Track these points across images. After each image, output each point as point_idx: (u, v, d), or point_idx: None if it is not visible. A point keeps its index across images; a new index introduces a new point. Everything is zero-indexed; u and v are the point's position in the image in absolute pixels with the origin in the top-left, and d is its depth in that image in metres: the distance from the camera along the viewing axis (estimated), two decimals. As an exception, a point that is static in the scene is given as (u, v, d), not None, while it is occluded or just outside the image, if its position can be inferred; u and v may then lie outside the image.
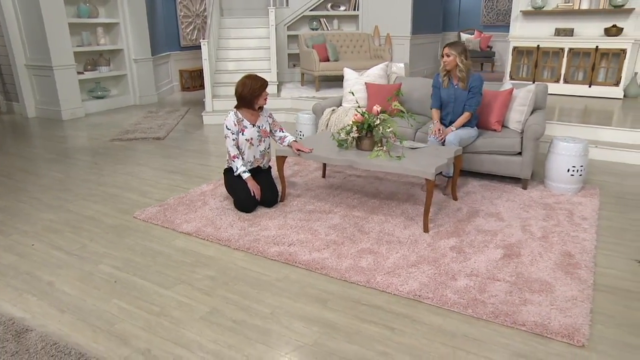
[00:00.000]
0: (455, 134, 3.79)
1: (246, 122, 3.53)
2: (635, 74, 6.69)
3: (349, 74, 4.89)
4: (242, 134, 3.51)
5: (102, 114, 7.34)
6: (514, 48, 7.23)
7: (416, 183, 4.09)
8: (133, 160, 4.95)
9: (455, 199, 3.74)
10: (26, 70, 6.90)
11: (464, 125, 3.93)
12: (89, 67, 7.44)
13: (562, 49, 6.86)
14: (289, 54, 8.57)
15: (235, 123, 3.49)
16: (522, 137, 3.89)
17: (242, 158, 3.55)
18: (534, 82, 6.96)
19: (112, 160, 4.97)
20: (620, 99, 6.64)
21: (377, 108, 3.44)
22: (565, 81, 6.95)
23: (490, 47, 9.78)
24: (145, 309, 2.42)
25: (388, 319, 2.32)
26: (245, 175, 3.49)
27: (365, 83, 4.66)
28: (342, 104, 4.83)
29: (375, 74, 4.76)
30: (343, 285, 2.61)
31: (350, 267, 2.74)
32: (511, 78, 7.33)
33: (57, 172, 4.59)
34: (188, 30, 9.64)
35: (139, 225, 3.39)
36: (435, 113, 4.00)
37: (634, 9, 6.49)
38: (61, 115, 6.81)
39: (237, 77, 7.13)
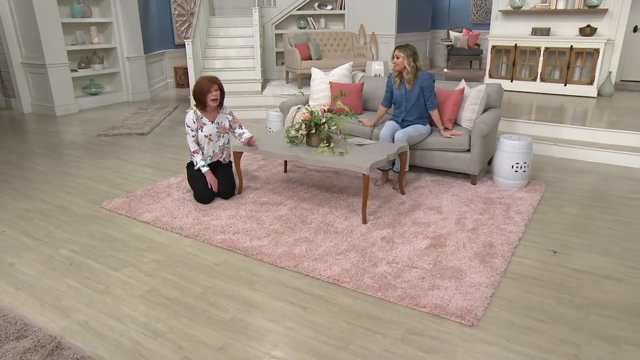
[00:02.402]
0: (404, 132, 4.02)
1: (205, 120, 3.79)
2: (610, 73, 6.81)
3: (316, 73, 5.12)
4: (201, 130, 3.77)
5: (95, 110, 7.68)
6: (493, 47, 7.38)
7: (370, 178, 4.32)
8: (113, 154, 5.25)
9: (402, 193, 3.97)
10: (22, 68, 7.25)
11: (415, 123, 4.16)
12: (83, 64, 7.77)
13: (539, 48, 7.01)
14: (277, 52, 8.81)
15: (194, 120, 3.76)
16: (469, 135, 4.10)
17: (202, 153, 3.82)
18: (512, 81, 7.16)
19: (94, 154, 5.28)
20: (594, 97, 6.77)
21: (324, 107, 3.68)
22: (542, 80, 7.10)
23: (479, 45, 9.90)
24: (92, 287, 2.70)
25: (304, 299, 2.57)
26: (204, 169, 3.76)
27: (330, 82, 4.89)
28: (309, 102, 5.06)
29: (339, 73, 4.98)
30: (273, 270, 2.86)
31: (283, 254, 2.99)
32: (490, 76, 7.50)
33: (41, 165, 4.91)
34: (183, 28, 9.91)
35: (105, 215, 3.68)
36: (382, 110, 4.29)
37: (607, 9, 6.61)
38: (55, 111, 7.15)
39: (224, 75, 7.48)
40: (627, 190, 4.08)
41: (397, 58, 4.00)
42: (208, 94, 3.68)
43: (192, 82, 6.86)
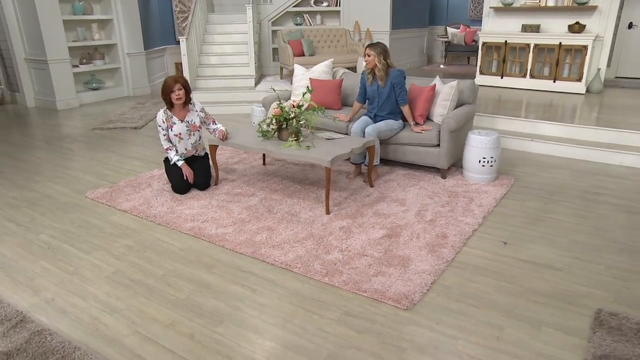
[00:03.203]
0: (374, 127, 4.16)
1: (175, 119, 3.96)
2: (599, 69, 6.83)
3: (298, 69, 5.28)
4: (171, 129, 3.96)
5: (96, 105, 7.95)
6: (484, 43, 7.44)
7: (343, 171, 4.48)
8: (105, 147, 5.49)
9: (371, 185, 4.11)
10: (25, 63, 7.54)
11: (387, 118, 4.30)
12: (85, 60, 8.04)
13: (528, 45, 7.05)
14: (273, 49, 8.98)
15: (164, 120, 3.94)
16: (439, 130, 4.22)
17: (176, 150, 4.01)
18: (502, 77, 7.23)
19: (87, 147, 5.53)
20: (583, 94, 6.81)
21: (293, 103, 3.85)
22: (532, 76, 7.15)
23: (476, 42, 9.90)
24: (64, 269, 2.92)
25: (256, 282, 2.75)
26: (180, 163, 3.95)
27: (310, 78, 5.04)
28: (291, 98, 5.23)
29: (320, 70, 5.13)
30: (233, 256, 3.05)
31: (244, 241, 3.18)
32: (481, 73, 7.57)
33: (36, 157, 5.16)
34: (184, 25, 10.12)
35: (87, 203, 3.91)
36: (356, 105, 4.44)
37: (597, 6, 6.63)
38: (56, 105, 7.44)
39: (220, 71, 7.69)
40: (593, 186, 4.17)
41: (368, 56, 4.14)
42: (171, 93, 3.83)
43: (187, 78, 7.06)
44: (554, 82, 6.97)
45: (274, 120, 3.87)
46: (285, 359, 2.15)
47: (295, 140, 3.77)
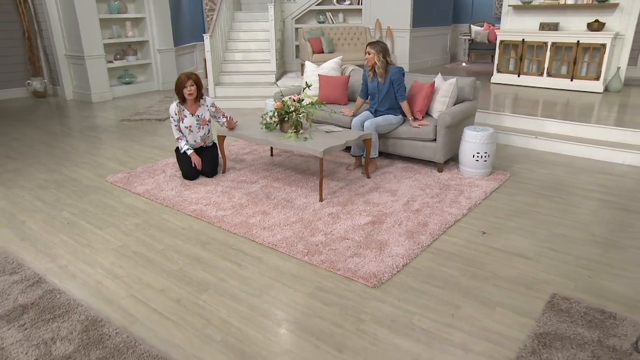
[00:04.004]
0: (372, 121, 4.37)
1: (186, 112, 4.29)
2: (618, 68, 6.74)
3: (308, 66, 5.54)
4: (182, 122, 4.29)
5: (128, 98, 8.48)
6: (501, 42, 7.46)
7: (344, 163, 4.71)
8: (129, 137, 5.93)
9: (368, 177, 4.33)
10: (65, 59, 8.14)
11: (387, 113, 4.49)
12: (118, 56, 8.58)
13: (546, 43, 7.03)
14: (296, 46, 9.26)
15: (176, 112, 4.28)
16: (436, 125, 4.38)
17: (186, 140, 4.34)
18: (519, 76, 7.25)
19: (114, 136, 5.99)
20: (600, 93, 6.75)
21: (294, 97, 4.11)
22: (549, 75, 7.12)
23: (500, 39, 9.87)
24: (78, 241, 3.30)
25: (242, 259, 3.04)
26: (189, 152, 4.29)
27: (318, 75, 5.28)
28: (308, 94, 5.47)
29: (329, 67, 5.37)
30: (227, 235, 3.35)
31: (239, 223, 3.47)
32: (498, 71, 7.59)
33: (68, 145, 5.65)
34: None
35: (106, 186, 4.31)
36: (359, 101, 4.65)
37: (618, 3, 6.55)
38: (91, 98, 8.00)
39: (243, 67, 8.05)
40: (588, 183, 4.23)
41: (369, 54, 4.34)
42: (184, 89, 4.16)
43: (210, 74, 7.46)
44: (571, 80, 6.93)
45: (276, 113, 4.15)
46: (254, 321, 2.43)
47: (295, 132, 4.03)
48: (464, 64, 10.02)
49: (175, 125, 4.30)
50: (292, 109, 4.04)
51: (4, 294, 2.65)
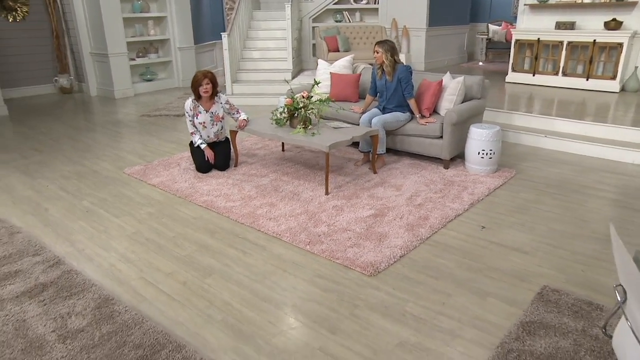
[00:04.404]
0: (380, 118, 4.47)
1: (201, 108, 4.47)
2: (636, 67, 6.67)
3: (321, 64, 5.67)
4: (197, 118, 4.47)
5: (149, 94, 8.76)
6: (517, 41, 7.45)
7: (352, 159, 4.83)
8: (148, 132, 6.16)
9: (374, 172, 4.43)
10: (90, 57, 8.46)
11: (395, 111, 4.59)
12: (140, 54, 8.87)
13: (562, 42, 7.00)
14: (313, 45, 9.40)
15: (191, 108, 4.46)
16: (442, 123, 4.46)
17: (200, 135, 4.52)
18: (534, 75, 7.24)
19: (134, 131, 6.24)
20: (617, 92, 6.68)
21: (303, 94, 4.24)
22: (565, 74, 7.08)
23: (518, 38, 9.80)
24: (96, 228, 3.51)
25: (248, 247, 3.19)
26: (203, 146, 4.47)
27: (330, 73, 5.41)
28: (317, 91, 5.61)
29: (340, 65, 5.49)
30: (234, 225, 3.51)
31: (247, 213, 3.63)
32: (513, 70, 7.57)
33: (90, 139, 5.92)
34: (234, 21, 10.79)
35: (124, 178, 4.52)
36: (368, 98, 4.75)
37: (637, 2, 6.48)
38: (114, 94, 8.30)
39: (260, 65, 8.23)
40: (594, 181, 4.25)
41: (377, 53, 4.45)
42: (200, 87, 4.34)
43: (227, 71, 7.67)
44: (587, 80, 6.88)
45: (285, 110, 4.29)
46: (254, 304, 2.58)
47: (304, 127, 4.17)
48: (480, 63, 9.99)
49: (190, 121, 4.49)
50: (302, 105, 4.18)
51: (27, 273, 2.87)
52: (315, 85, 4.20)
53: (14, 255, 3.08)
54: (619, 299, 1.54)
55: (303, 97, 4.22)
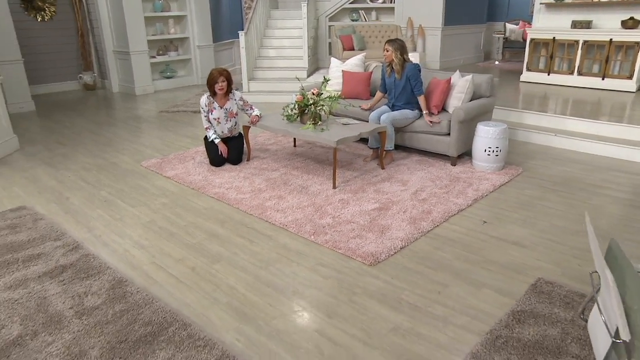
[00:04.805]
0: (388, 115, 4.57)
1: (216, 105, 4.64)
2: (653, 67, 6.59)
3: (334, 62, 5.78)
4: (211, 113, 4.64)
5: (168, 91, 9.01)
6: (532, 40, 7.43)
7: (362, 154, 4.93)
8: (166, 127, 6.38)
9: (382, 168, 4.53)
10: (113, 55, 8.76)
11: (403, 108, 4.68)
12: (161, 52, 9.12)
13: (577, 41, 6.95)
14: (329, 43, 9.50)
15: (206, 104, 4.63)
16: (449, 120, 4.52)
17: (215, 130, 4.69)
18: (549, 74, 7.22)
19: (152, 126, 6.46)
20: (633, 92, 6.62)
21: (313, 91, 4.37)
22: (580, 73, 7.04)
23: (536, 37, 9.73)
24: (112, 216, 3.70)
25: (255, 236, 3.33)
26: (217, 141, 4.64)
27: (342, 70, 5.52)
28: (326, 88, 5.72)
29: (352, 63, 5.59)
30: (243, 215, 3.66)
31: (256, 205, 3.77)
32: (528, 70, 7.55)
33: (111, 133, 6.15)
34: (252, 20, 10.98)
35: (141, 170, 4.72)
36: (378, 94, 4.87)
37: (656, 0, 6.41)
38: (135, 91, 8.57)
39: (276, 63, 8.39)
40: (601, 180, 4.26)
41: (387, 51, 4.54)
42: (215, 84, 4.51)
43: (244, 68, 7.85)
44: (603, 79, 6.83)
45: (296, 106, 4.43)
46: (258, 289, 2.71)
47: (313, 123, 4.30)
48: (497, 63, 9.95)
49: (205, 116, 4.66)
50: (312, 102, 4.30)
51: (49, 255, 3.07)
52: (325, 83, 4.31)
53: (37, 240, 3.28)
54: (594, 285, 1.62)
55: (313, 94, 4.34)
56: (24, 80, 7.31)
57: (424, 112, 4.61)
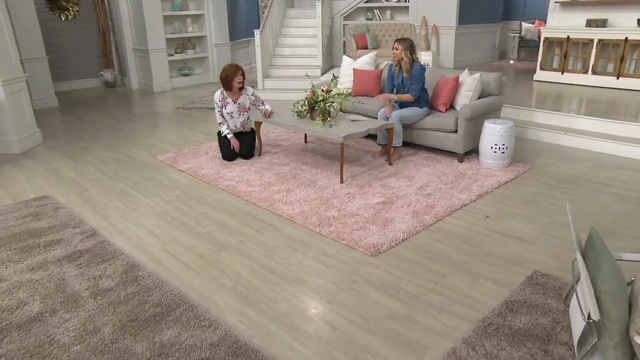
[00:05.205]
0: (397, 112, 4.65)
1: (229, 100, 4.79)
2: (669, 66, 6.52)
3: (345, 60, 5.88)
4: (225, 108, 4.79)
5: (186, 89, 9.22)
6: (546, 39, 7.40)
7: (371, 151, 5.03)
8: (182, 123, 6.56)
9: (390, 164, 4.62)
10: (133, 52, 9.00)
11: (412, 106, 4.75)
12: (179, 50, 9.34)
13: (592, 40, 6.91)
14: (343, 42, 9.60)
15: (220, 99, 4.79)
16: (456, 118, 4.59)
17: (227, 125, 4.84)
18: (562, 73, 7.20)
19: (169, 122, 6.65)
20: (648, 91, 6.56)
21: (323, 88, 4.48)
22: (594, 72, 6.99)
23: (552, 36, 9.66)
24: (128, 206, 3.88)
25: (262, 226, 3.46)
26: (229, 136, 4.79)
27: (353, 69, 5.61)
28: (337, 85, 5.83)
29: (363, 61, 5.68)
30: (252, 207, 3.79)
31: (265, 197, 3.90)
32: (542, 69, 7.53)
33: (129, 128, 6.37)
34: (268, 19, 11.13)
35: (156, 164, 4.90)
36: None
37: (673, -2, 6.34)
38: (153, 88, 8.80)
39: (291, 61, 8.53)
40: (607, 177, 4.28)
41: (396, 50, 4.62)
42: (234, 79, 4.66)
43: (259, 66, 8.00)
44: (618, 78, 6.78)
45: (306, 102, 4.55)
46: (262, 275, 2.84)
47: (323, 119, 4.41)
48: (512, 62, 9.91)
49: (219, 111, 4.82)
50: (321, 98, 4.42)
51: (68, 241, 3.25)
52: (335, 80, 4.42)
53: (57, 227, 3.47)
54: (574, 273, 1.70)
55: (322, 91, 4.46)
56: (48, 77, 7.59)
57: (395, 100, 4.67)
